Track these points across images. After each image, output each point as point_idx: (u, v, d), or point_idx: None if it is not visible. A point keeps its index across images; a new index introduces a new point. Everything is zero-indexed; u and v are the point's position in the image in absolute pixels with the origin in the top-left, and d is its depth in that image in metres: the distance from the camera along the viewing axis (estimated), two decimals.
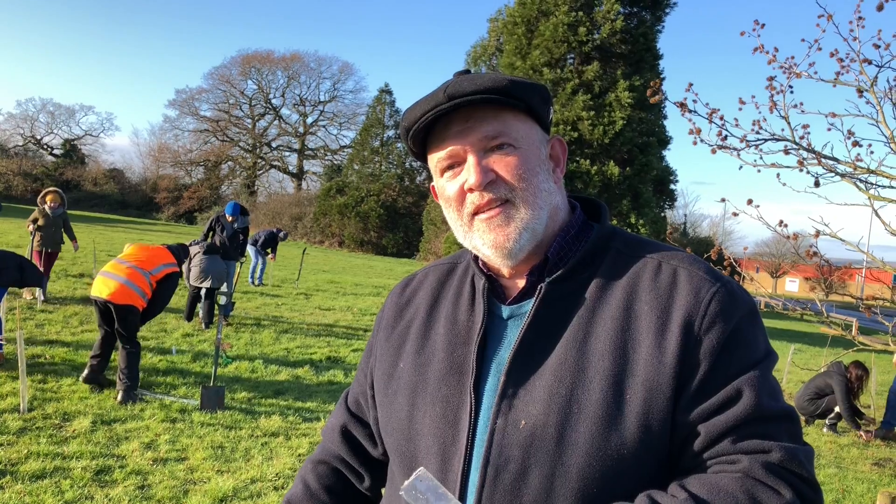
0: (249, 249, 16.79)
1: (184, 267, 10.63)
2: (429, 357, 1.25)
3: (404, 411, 1.23)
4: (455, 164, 1.20)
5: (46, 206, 11.08)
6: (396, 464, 1.26)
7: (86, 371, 6.67)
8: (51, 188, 11.64)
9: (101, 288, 6.55)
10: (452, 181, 1.21)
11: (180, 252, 7.58)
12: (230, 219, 11.18)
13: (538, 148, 1.22)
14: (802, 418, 8.63)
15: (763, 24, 4.39)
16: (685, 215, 56.37)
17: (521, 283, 1.24)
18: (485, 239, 1.19)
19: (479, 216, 1.19)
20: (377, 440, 1.38)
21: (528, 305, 1.20)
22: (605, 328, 1.12)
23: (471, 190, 1.18)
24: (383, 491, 1.40)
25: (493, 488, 1.09)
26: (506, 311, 1.23)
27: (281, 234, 17.65)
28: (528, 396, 1.11)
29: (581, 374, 1.10)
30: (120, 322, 6.48)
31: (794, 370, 12.05)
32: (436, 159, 1.22)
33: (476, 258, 1.29)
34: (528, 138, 1.20)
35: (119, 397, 6.33)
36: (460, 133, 1.18)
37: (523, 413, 1.11)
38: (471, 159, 1.17)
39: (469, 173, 1.17)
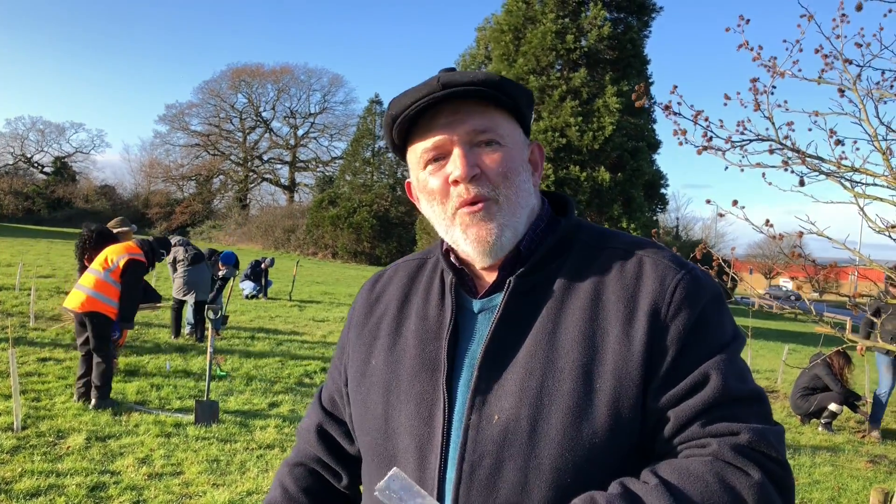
0: (241, 285, 16.74)
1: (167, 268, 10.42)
2: (400, 353, 1.25)
3: (379, 409, 1.23)
4: (440, 156, 1.20)
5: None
6: (374, 463, 1.25)
7: (75, 395, 6.73)
8: (127, 230, 9.62)
9: (72, 300, 6.75)
10: (436, 174, 1.20)
11: (152, 244, 7.46)
12: (221, 266, 11.16)
13: (521, 149, 1.24)
14: (798, 417, 8.66)
15: (748, 20, 4.42)
16: (677, 219, 56.49)
17: (492, 276, 1.23)
18: (468, 234, 1.19)
19: (462, 209, 1.19)
20: (353, 437, 1.37)
21: (499, 299, 1.20)
22: (573, 319, 1.13)
23: (455, 182, 1.17)
24: (362, 488, 1.39)
25: (469, 484, 1.10)
26: (476, 304, 1.23)
27: (266, 262, 17.35)
28: (501, 391, 1.12)
29: (551, 365, 1.11)
30: (90, 330, 6.65)
31: (788, 370, 12.08)
32: (420, 150, 1.21)
33: (446, 252, 1.29)
34: (512, 138, 1.21)
35: (93, 403, 6.55)
36: (448, 124, 1.17)
37: (496, 408, 1.11)
38: (457, 151, 1.17)
39: (455, 165, 1.16)
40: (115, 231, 9.96)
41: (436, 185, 1.20)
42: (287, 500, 1.39)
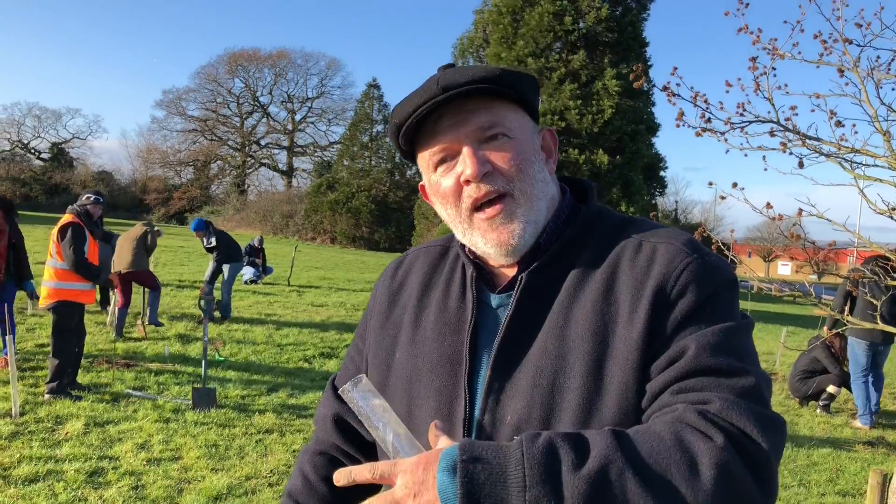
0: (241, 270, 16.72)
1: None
2: (420, 346, 1.22)
3: (404, 406, 1.20)
4: (448, 157, 1.17)
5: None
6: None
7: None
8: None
9: (42, 298, 6.62)
10: (447, 176, 1.17)
11: (81, 211, 6.87)
12: (198, 236, 11.17)
13: (531, 138, 1.20)
14: (796, 400, 8.67)
15: (748, 4, 4.39)
16: (676, 202, 56.46)
17: (512, 271, 1.20)
18: (487, 238, 1.16)
19: (479, 214, 1.16)
20: None
21: None
22: (584, 311, 1.09)
23: (467, 182, 1.14)
24: None
25: None
26: (495, 299, 1.20)
27: (256, 241, 17.48)
28: (513, 390, 1.09)
29: (562, 360, 1.07)
30: (53, 323, 6.52)
31: (787, 353, 12.10)
32: (428, 154, 1.18)
33: (463, 245, 1.25)
34: (521, 128, 1.18)
35: (45, 395, 6.33)
36: (453, 126, 1.15)
37: (509, 408, 1.09)
38: (465, 150, 1.14)
39: (465, 164, 1.13)
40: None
41: (447, 187, 1.17)
42: (308, 487, 1.39)
